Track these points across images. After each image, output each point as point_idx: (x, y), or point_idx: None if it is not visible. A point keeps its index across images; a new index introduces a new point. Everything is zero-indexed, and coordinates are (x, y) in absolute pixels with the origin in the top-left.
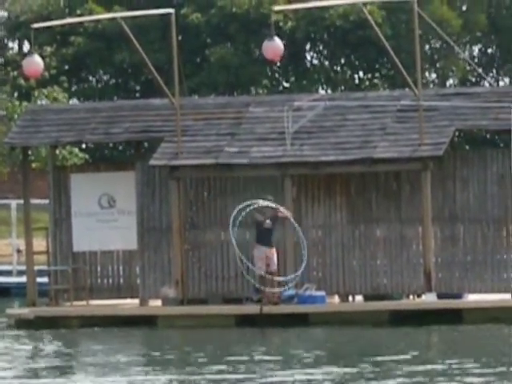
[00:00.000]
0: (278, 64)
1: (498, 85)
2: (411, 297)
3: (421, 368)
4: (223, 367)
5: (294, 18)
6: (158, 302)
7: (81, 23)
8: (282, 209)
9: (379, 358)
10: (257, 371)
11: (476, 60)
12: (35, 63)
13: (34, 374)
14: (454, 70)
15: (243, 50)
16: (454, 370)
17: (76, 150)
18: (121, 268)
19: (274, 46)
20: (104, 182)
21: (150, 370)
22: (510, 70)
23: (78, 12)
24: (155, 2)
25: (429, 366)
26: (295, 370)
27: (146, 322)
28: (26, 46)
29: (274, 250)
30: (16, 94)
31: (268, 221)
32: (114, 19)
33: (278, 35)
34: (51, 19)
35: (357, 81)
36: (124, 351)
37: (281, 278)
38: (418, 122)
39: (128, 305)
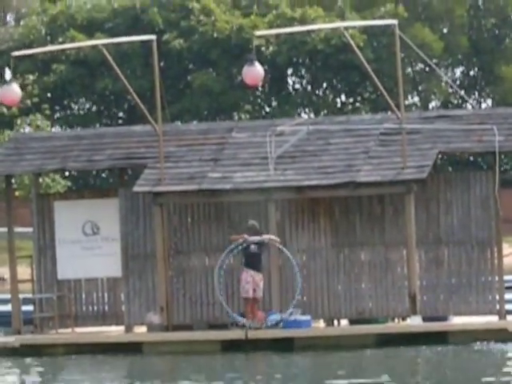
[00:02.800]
0: (260, 89)
1: (480, 107)
2: (396, 320)
3: None
4: None
5: (276, 42)
6: (143, 329)
7: (63, 51)
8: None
9: (366, 382)
10: None
11: (458, 82)
12: (12, 92)
13: None
14: (436, 93)
15: (225, 76)
16: None
17: (59, 177)
18: (105, 295)
19: (254, 71)
20: (87, 209)
21: None
22: (492, 91)
23: (60, 40)
24: (137, 28)
25: None
26: None
27: (132, 348)
28: (8, 75)
29: (261, 276)
30: None
31: (253, 246)
32: (95, 46)
33: (260, 60)
34: (33, 47)
35: (339, 105)
36: (108, 379)
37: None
38: (401, 145)
39: (113, 332)
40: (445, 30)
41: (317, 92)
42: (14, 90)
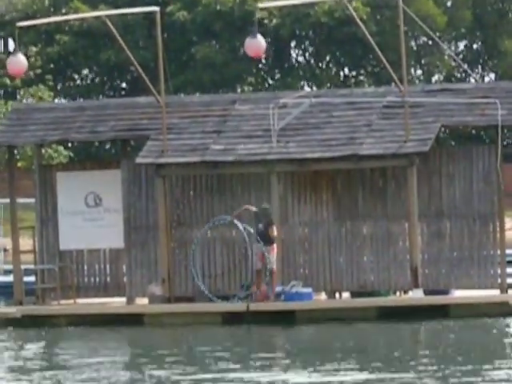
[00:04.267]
0: (263, 61)
1: (483, 81)
2: (398, 293)
3: (408, 364)
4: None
5: (279, 15)
6: (145, 300)
7: (66, 22)
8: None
9: (367, 354)
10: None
11: (461, 56)
12: (19, 62)
13: (20, 373)
14: (440, 66)
15: (228, 48)
16: (441, 368)
17: (61, 148)
18: (108, 266)
19: (256, 43)
20: (90, 180)
21: (134, 369)
22: (496, 65)
23: (63, 11)
24: None
25: (414, 363)
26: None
27: (133, 320)
28: (12, 45)
29: (270, 248)
30: (1, 93)
31: (260, 225)
32: (99, 17)
33: (263, 33)
34: (36, 18)
35: (342, 78)
36: (110, 350)
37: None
38: (404, 119)
39: (115, 303)
40: (448, 4)
41: (320, 65)
42: (21, 61)
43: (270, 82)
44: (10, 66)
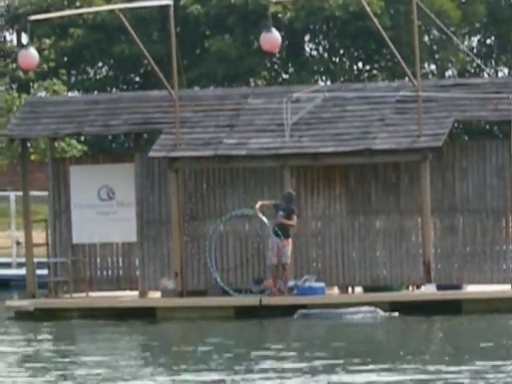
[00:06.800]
0: (277, 55)
1: (496, 75)
2: (411, 288)
3: (418, 360)
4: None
5: (293, 8)
6: (158, 294)
7: (80, 15)
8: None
9: (377, 350)
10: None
11: (475, 51)
12: (30, 56)
13: (32, 370)
14: (453, 61)
15: (242, 42)
16: (452, 361)
17: (74, 142)
18: (120, 260)
19: (272, 38)
20: (103, 174)
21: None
22: (509, 60)
23: (77, 4)
24: None
25: (426, 357)
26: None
27: (146, 313)
28: (25, 38)
29: (286, 242)
30: (15, 86)
31: (281, 212)
32: (112, 11)
33: (277, 26)
34: (50, 11)
35: (356, 72)
36: (122, 344)
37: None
38: (417, 113)
39: (127, 297)
40: None
41: (333, 59)
42: (32, 54)
43: (284, 76)
44: (21, 59)
